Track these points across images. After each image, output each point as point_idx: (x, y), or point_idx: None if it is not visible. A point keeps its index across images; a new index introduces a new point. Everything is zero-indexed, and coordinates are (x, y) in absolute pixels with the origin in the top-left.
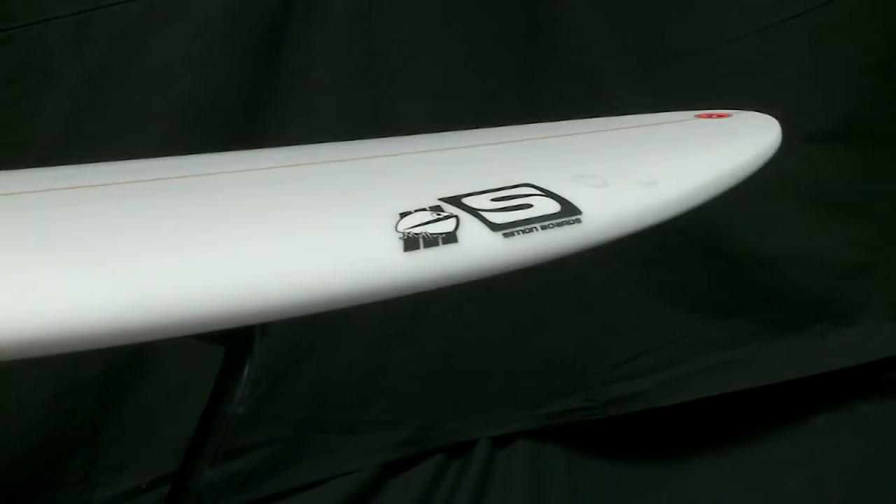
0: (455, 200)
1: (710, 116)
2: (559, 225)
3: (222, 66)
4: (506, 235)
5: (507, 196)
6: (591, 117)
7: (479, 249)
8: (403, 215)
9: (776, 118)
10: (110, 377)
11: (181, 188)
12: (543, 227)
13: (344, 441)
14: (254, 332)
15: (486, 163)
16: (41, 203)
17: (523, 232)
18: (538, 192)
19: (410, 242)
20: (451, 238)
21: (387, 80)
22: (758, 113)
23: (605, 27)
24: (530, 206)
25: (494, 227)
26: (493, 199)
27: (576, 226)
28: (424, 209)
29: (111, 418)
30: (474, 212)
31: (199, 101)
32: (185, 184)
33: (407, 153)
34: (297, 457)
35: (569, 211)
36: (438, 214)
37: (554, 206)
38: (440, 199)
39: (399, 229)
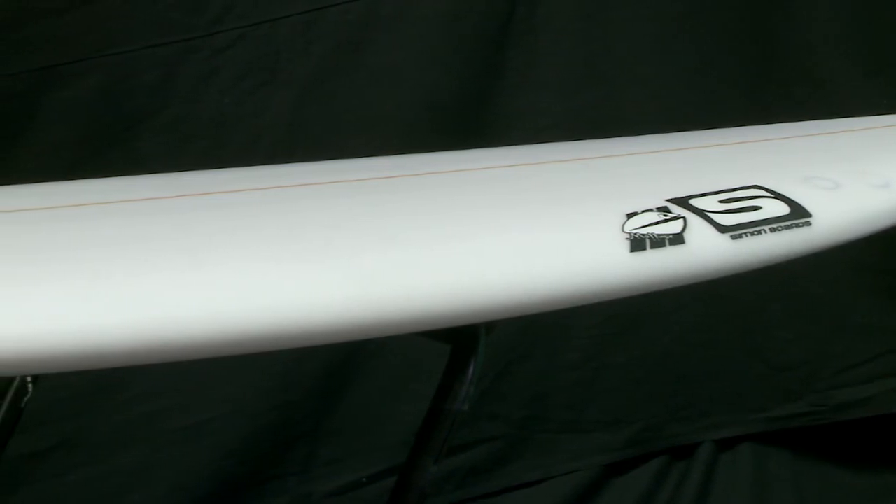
0: (682, 201)
1: None
2: (788, 227)
3: (445, 66)
4: (733, 237)
5: (736, 197)
6: (821, 118)
7: (706, 251)
8: (630, 216)
9: None
10: (332, 371)
11: (407, 187)
12: (772, 230)
13: (564, 440)
14: (479, 331)
15: (713, 164)
16: (270, 200)
17: (751, 234)
18: (767, 193)
19: (637, 243)
20: (678, 239)
21: (611, 79)
22: None
23: (837, 26)
24: (759, 207)
25: (722, 228)
26: (721, 201)
27: (805, 228)
28: (651, 210)
29: (332, 411)
30: (702, 213)
31: (422, 100)
32: (410, 183)
33: (633, 153)
34: (518, 455)
35: (798, 213)
36: (665, 215)
37: (783, 209)
38: (667, 200)
39: (626, 230)
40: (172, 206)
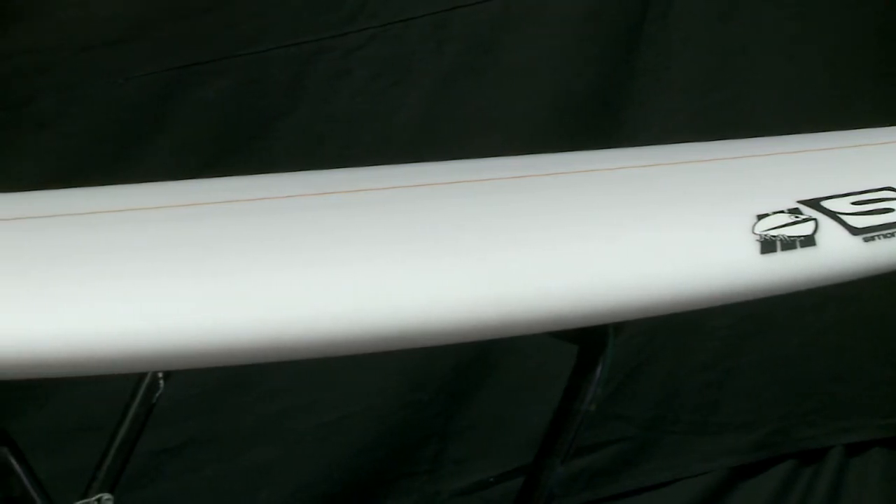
0: (814, 203)
1: None
2: None
3: (577, 66)
4: (866, 240)
5: (869, 199)
6: None
7: (837, 253)
8: (761, 217)
9: None
10: (461, 370)
11: (538, 187)
12: None
13: (693, 442)
14: (608, 331)
15: (845, 165)
16: (397, 200)
17: (885, 236)
18: None
19: (767, 245)
20: (809, 241)
21: (743, 79)
22: None
23: None
24: (892, 210)
25: (854, 230)
26: (853, 203)
27: None
28: (782, 211)
29: (461, 411)
30: (834, 215)
31: (553, 101)
32: (541, 182)
33: (763, 154)
34: (645, 456)
35: None
36: (797, 217)
37: None
38: (799, 202)
39: (756, 231)
40: (294, 206)
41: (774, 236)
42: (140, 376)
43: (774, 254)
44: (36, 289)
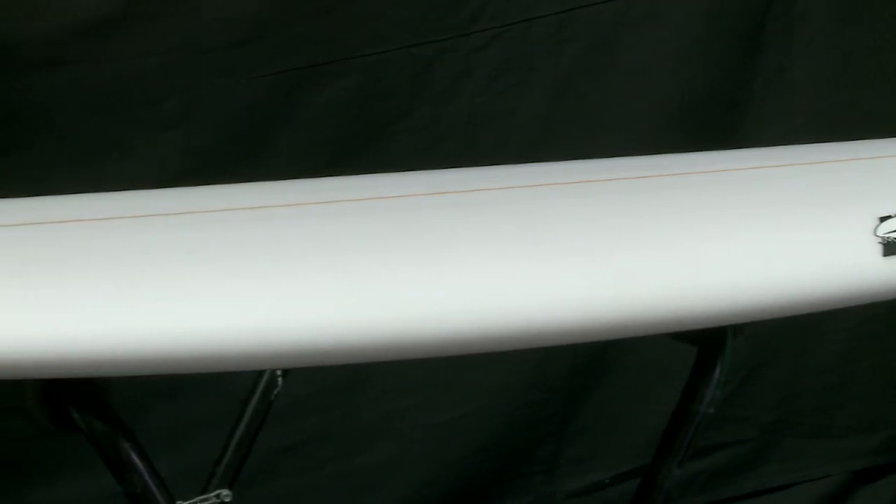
0: None
1: None
2: None
3: (699, 66)
4: None
5: None
6: None
7: None
8: (883, 219)
9: None
10: (578, 371)
11: (661, 187)
12: None
13: (813, 445)
14: (727, 333)
15: None
16: (516, 199)
17: None
18: None
19: (890, 247)
20: None
21: (865, 80)
22: None
23: None
24: None
25: None
26: None
27: None
28: None
29: (577, 411)
30: None
31: (675, 101)
32: (663, 183)
33: (887, 156)
34: (763, 459)
35: None
36: None
37: None
38: None
39: (879, 233)
40: (409, 206)
41: None
42: (258, 374)
43: None
44: (159, 286)
